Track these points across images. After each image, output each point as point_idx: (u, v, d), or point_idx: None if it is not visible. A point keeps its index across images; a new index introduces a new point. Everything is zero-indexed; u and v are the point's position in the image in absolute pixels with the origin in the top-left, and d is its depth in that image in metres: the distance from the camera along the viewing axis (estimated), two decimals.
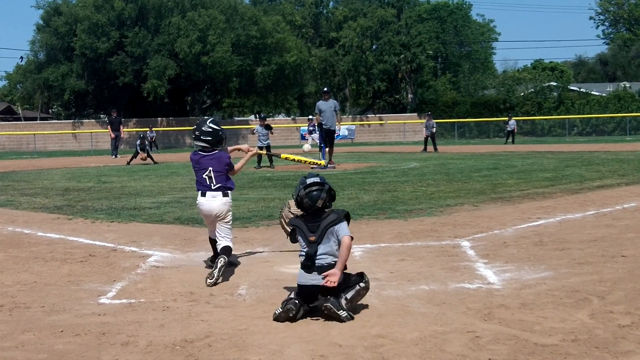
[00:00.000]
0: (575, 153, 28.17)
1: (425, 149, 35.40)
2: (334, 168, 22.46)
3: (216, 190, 7.43)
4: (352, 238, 5.74)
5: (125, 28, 54.41)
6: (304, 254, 5.70)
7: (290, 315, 5.30)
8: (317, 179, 5.81)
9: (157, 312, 5.69)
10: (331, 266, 5.59)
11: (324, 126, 23.41)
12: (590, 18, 79.96)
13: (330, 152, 23.76)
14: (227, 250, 7.19)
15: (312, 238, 5.66)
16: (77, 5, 55.88)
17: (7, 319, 5.62)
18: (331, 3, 74.68)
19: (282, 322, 5.28)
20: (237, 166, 7.69)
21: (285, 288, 6.29)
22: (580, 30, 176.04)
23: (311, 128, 38.52)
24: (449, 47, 76.83)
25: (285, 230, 6.24)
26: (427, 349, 4.58)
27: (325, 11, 73.78)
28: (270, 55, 57.22)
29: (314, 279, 5.56)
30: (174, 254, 8.25)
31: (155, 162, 28.92)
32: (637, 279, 6.31)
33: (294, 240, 5.90)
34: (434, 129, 36.50)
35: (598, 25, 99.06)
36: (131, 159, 29.50)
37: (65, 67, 55.24)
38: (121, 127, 38.72)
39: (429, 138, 36.44)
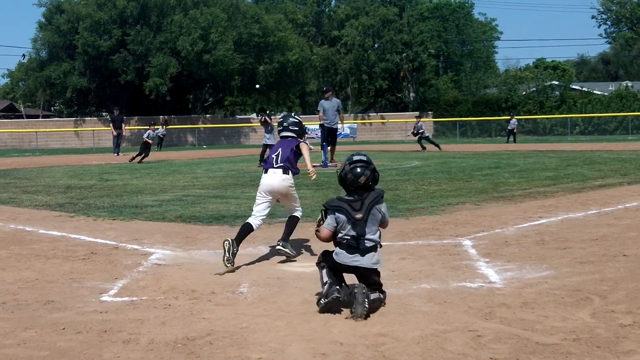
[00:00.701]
0: (577, 152, 28.15)
1: (423, 148, 35.35)
2: (336, 166, 22.46)
3: (278, 168, 7.87)
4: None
5: (127, 26, 54.45)
6: (348, 237, 5.67)
7: (340, 300, 5.41)
8: (363, 157, 5.86)
9: (159, 309, 5.69)
10: (374, 248, 5.70)
11: (326, 125, 23.39)
12: (593, 17, 79.92)
13: (333, 150, 23.75)
14: (291, 219, 8.05)
15: (359, 215, 5.65)
16: (79, 3, 55.92)
17: (8, 316, 5.63)
18: (333, 1, 74.73)
19: (329, 311, 5.40)
20: (306, 157, 8.07)
21: (286, 286, 6.30)
22: (582, 29, 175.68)
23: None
24: (451, 46, 76.91)
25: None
26: (428, 347, 4.58)
27: (327, 9, 73.77)
28: (272, 54, 57.26)
29: (355, 260, 5.63)
30: (176, 251, 8.25)
31: (139, 162, 28.73)
32: (639, 278, 6.31)
33: (328, 224, 5.80)
34: (422, 130, 36.39)
35: (600, 25, 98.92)
36: (143, 158, 29.40)
37: (68, 64, 55.29)
38: (123, 125, 38.71)
39: (421, 138, 36.36)
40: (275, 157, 7.93)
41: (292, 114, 8.56)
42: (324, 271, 5.73)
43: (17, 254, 8.37)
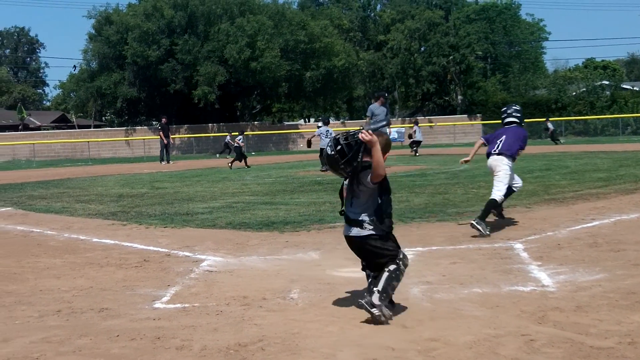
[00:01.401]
0: (630, 152, 27.70)
1: (415, 153, 35.56)
2: None
3: (498, 154, 9.75)
4: None
5: (175, 36, 55.02)
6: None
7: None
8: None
9: (211, 316, 5.74)
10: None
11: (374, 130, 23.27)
12: None
13: None
14: (489, 202, 9.51)
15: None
16: (128, 14, 56.70)
17: (64, 324, 5.72)
18: (378, 6, 74.66)
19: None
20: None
21: (336, 292, 6.31)
22: (632, 27, 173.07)
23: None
24: (498, 48, 76.16)
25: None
26: (481, 352, 4.55)
27: (372, 14, 73.75)
28: (319, 60, 57.37)
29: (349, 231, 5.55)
30: (227, 258, 8.30)
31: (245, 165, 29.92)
32: None
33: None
34: (416, 132, 36.61)
35: None
36: (233, 161, 30.56)
37: (118, 75, 56.09)
38: (169, 134, 39.14)
39: (413, 143, 36.65)
40: (498, 142, 9.82)
41: (514, 104, 10.52)
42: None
43: (72, 262, 8.50)
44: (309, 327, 5.26)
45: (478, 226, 8.94)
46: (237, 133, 36.84)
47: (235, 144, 31.48)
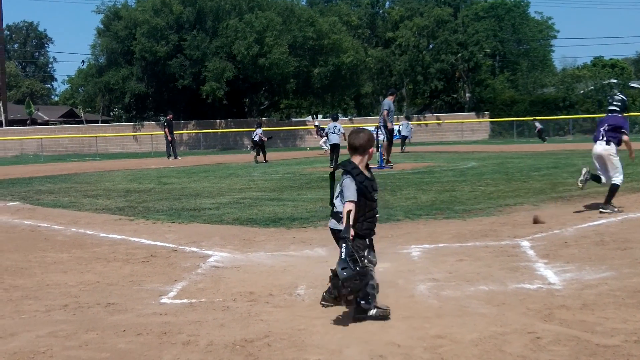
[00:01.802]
0: (637, 151, 27.54)
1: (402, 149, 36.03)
2: (391, 168, 22.45)
3: (602, 140, 10.75)
4: None
5: (183, 31, 55.00)
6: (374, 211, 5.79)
7: None
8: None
9: (217, 311, 5.75)
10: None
11: (389, 126, 23.30)
12: None
13: (389, 151, 23.71)
14: (612, 186, 10.63)
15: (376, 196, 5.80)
16: (137, 10, 56.69)
17: (71, 318, 5.74)
18: (387, 3, 74.42)
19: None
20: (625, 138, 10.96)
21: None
22: None
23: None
24: (507, 45, 75.87)
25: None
26: (487, 349, 4.56)
27: (381, 11, 73.55)
28: (327, 56, 57.28)
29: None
30: (234, 254, 8.32)
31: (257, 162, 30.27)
32: None
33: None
34: (404, 127, 37.15)
35: None
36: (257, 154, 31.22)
37: (126, 70, 56.09)
38: (173, 130, 39.20)
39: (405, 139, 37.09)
40: (601, 130, 10.78)
41: (618, 92, 11.39)
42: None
43: (79, 257, 8.53)
44: (315, 324, 5.27)
45: (607, 210, 10.41)
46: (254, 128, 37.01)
47: (259, 138, 31.85)
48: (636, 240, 8.18)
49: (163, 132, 40.73)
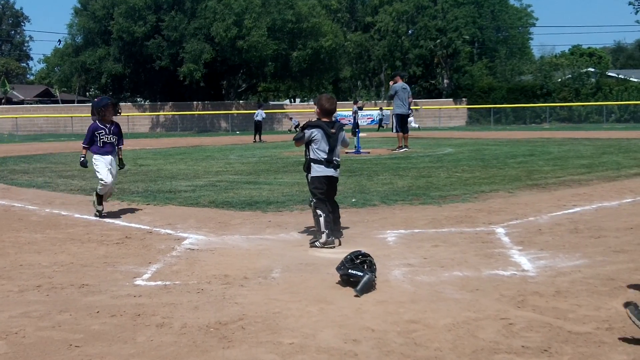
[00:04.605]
0: (613, 140, 27.84)
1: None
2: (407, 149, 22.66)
3: None
4: None
5: (161, 12, 54.68)
6: (322, 150, 7.76)
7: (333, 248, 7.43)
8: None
9: (192, 294, 5.74)
10: (339, 165, 7.99)
11: (400, 112, 23.08)
12: (630, 3, 78.34)
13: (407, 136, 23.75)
14: None
15: (333, 130, 7.75)
16: None
17: (44, 299, 5.70)
18: None
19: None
20: None
21: (318, 272, 6.32)
22: (618, 15, 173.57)
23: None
24: (486, 32, 76.03)
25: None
26: (460, 335, 4.58)
27: None
28: (306, 40, 57.19)
29: (331, 171, 7.86)
30: (209, 237, 8.30)
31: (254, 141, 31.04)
32: None
33: (300, 141, 7.91)
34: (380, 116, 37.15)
35: (637, 11, 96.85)
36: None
37: (103, 50, 55.71)
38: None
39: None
40: None
41: None
42: (323, 219, 7.51)
43: (53, 237, 8.48)
44: (290, 307, 5.27)
45: None
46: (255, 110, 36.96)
47: (262, 118, 32.24)
48: (610, 228, 8.24)
49: (142, 114, 40.50)
